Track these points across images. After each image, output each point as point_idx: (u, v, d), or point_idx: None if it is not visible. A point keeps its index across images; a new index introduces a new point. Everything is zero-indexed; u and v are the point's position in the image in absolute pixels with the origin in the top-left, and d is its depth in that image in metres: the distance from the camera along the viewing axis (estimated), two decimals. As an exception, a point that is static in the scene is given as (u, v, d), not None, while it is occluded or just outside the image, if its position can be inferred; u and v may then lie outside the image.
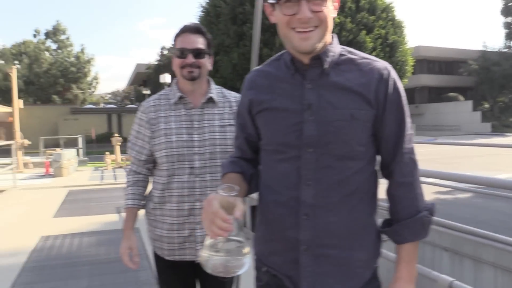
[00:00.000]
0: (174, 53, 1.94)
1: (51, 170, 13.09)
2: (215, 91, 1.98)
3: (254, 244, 1.38)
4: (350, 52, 1.27)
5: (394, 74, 1.24)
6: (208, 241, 1.07)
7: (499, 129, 36.16)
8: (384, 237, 1.31)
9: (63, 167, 12.66)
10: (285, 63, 1.28)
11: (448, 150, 17.16)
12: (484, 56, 42.14)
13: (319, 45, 1.18)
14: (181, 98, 1.92)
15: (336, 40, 1.27)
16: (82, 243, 5.44)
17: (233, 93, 2.05)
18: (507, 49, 43.44)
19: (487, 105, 42.58)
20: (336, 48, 1.26)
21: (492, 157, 14.51)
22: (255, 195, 1.66)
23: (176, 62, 1.91)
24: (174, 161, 1.87)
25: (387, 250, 1.88)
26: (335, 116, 1.18)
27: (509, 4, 42.23)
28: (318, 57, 1.21)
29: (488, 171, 11.77)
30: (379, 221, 1.33)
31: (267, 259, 1.32)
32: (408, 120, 1.25)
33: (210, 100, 1.94)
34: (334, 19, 1.21)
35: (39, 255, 4.94)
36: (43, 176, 12.91)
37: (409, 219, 1.23)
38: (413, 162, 1.25)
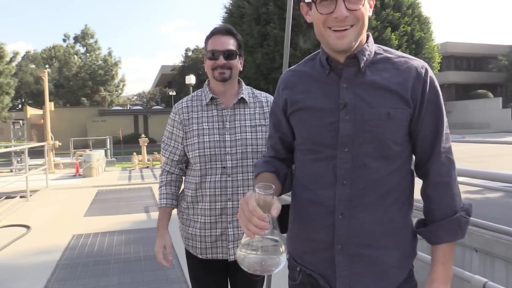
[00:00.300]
0: (205, 55, 1.98)
1: (80, 171, 13.43)
2: (246, 91, 2.02)
3: (287, 243, 1.39)
4: (386, 51, 1.26)
5: (431, 73, 1.22)
6: (244, 239, 1.09)
7: (531, 127, 35.03)
8: (419, 237, 1.31)
9: (93, 167, 12.97)
10: (321, 62, 1.27)
11: (477, 149, 16.73)
12: (515, 51, 40.90)
13: (355, 44, 1.18)
14: (212, 99, 1.96)
15: (371, 38, 1.27)
16: (112, 241, 5.58)
17: (264, 93, 2.08)
18: (539, 44, 42.05)
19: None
20: (372, 47, 1.26)
21: (524, 156, 14.07)
22: (283, 196, 1.68)
23: (208, 64, 1.95)
24: (207, 161, 1.91)
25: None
26: (371, 115, 1.17)
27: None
28: (354, 56, 1.21)
29: (520, 170, 11.45)
30: (414, 220, 1.32)
31: (302, 258, 1.33)
32: (445, 119, 1.24)
33: (242, 101, 1.98)
34: (369, 17, 1.21)
35: (72, 253, 5.09)
36: (73, 176, 13.26)
37: (446, 219, 1.21)
38: (451, 162, 1.24)
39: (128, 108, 44.07)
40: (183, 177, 2.09)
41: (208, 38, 1.96)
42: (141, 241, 5.51)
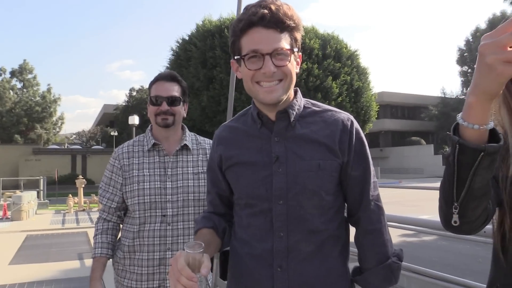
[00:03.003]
0: (149, 100, 1.95)
1: (8, 213, 12.46)
2: (190, 138, 1.99)
3: None
4: (314, 105, 1.32)
5: (356, 125, 1.29)
6: None
7: (459, 173, 37.37)
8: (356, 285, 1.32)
9: (22, 210, 12.09)
10: (252, 117, 1.31)
11: (411, 193, 17.54)
12: (444, 102, 44.32)
13: (284, 97, 1.22)
14: (155, 145, 1.91)
15: (299, 93, 1.33)
16: (40, 292, 5.13)
17: (207, 140, 2.06)
18: (464, 96, 45.89)
19: (447, 149, 44.23)
20: (301, 102, 1.31)
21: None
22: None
23: (151, 110, 1.92)
24: (146, 209, 1.83)
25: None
26: (303, 167, 1.21)
27: (464, 54, 45.08)
28: (285, 111, 1.25)
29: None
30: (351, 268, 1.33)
31: None
32: (371, 168, 1.29)
33: (185, 147, 1.94)
34: (297, 74, 1.26)
35: (-8, 306, 4.62)
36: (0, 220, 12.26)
37: (379, 266, 1.24)
38: (380, 209, 1.28)
39: (66, 147, 42.21)
40: (121, 225, 1.99)
41: (152, 83, 1.94)
42: (73, 292, 5.12)
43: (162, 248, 1.84)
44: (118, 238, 1.98)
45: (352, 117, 1.30)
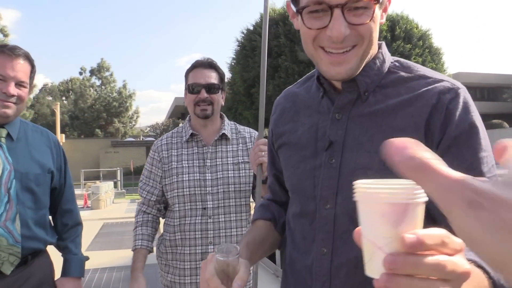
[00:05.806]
0: (186, 88, 1.88)
1: (89, 203, 13.36)
2: (229, 127, 1.90)
3: None
4: (404, 68, 0.90)
5: (464, 98, 0.82)
6: None
7: (550, 158, 34.24)
8: None
9: (100, 199, 12.90)
10: (316, 83, 0.97)
11: (494, 181, 16.31)
12: (529, 82, 40.61)
13: (358, 70, 0.86)
14: (192, 135, 1.85)
15: (384, 50, 0.91)
16: (111, 278, 5.39)
17: (247, 129, 1.95)
18: (554, 74, 41.64)
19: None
20: (383, 64, 0.90)
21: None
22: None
23: (189, 98, 1.85)
24: (186, 202, 1.78)
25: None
26: (362, 160, 0.84)
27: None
28: (353, 80, 0.87)
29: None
30: None
31: None
32: (483, 155, 0.79)
33: (223, 137, 1.86)
34: (381, 24, 0.86)
35: (69, 290, 4.92)
36: (81, 208, 13.18)
37: None
38: None
39: (141, 139, 44.46)
40: (160, 218, 1.96)
41: (189, 71, 1.87)
42: (141, 278, 5.32)
43: (204, 242, 1.78)
44: (161, 233, 1.96)
45: (460, 87, 0.84)
